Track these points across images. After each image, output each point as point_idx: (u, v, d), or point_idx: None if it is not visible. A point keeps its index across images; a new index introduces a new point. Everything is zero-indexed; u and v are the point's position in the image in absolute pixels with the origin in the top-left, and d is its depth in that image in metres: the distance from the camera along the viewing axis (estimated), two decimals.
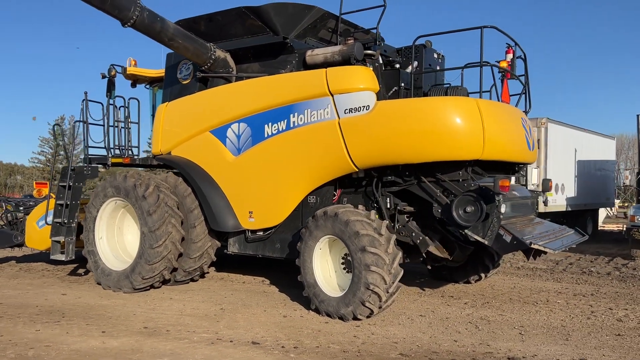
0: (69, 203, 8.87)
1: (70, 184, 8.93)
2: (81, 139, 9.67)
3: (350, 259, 6.75)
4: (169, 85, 9.31)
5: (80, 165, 9.46)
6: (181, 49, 8.16)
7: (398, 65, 7.86)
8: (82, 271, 9.86)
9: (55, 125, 9.16)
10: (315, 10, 8.32)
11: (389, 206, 7.47)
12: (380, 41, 8.28)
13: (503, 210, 6.55)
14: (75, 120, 9.12)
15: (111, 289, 8.42)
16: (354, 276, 6.63)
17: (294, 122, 7.61)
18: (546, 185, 8.44)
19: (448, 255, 7.86)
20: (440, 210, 7.02)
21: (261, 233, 8.24)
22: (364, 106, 7.05)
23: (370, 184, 7.50)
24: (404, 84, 7.57)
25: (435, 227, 7.62)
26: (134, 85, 10.51)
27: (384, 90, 7.51)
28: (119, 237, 8.90)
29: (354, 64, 7.41)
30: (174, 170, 8.90)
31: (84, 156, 9.44)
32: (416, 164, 7.00)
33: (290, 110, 7.64)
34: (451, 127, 6.61)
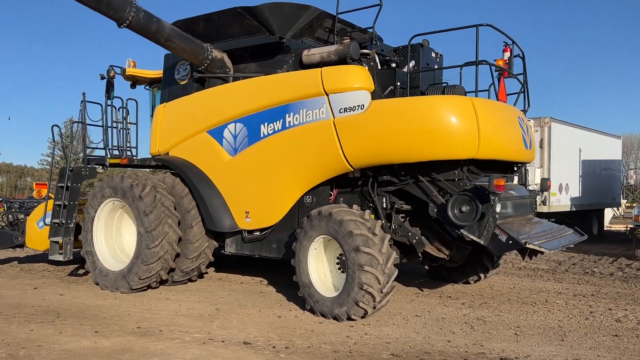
0: (66, 204, 8.90)
1: (68, 184, 8.95)
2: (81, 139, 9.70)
3: (344, 259, 6.71)
4: (167, 86, 9.32)
5: (78, 165, 9.49)
6: (178, 50, 8.17)
7: (394, 65, 7.83)
8: (82, 272, 9.88)
9: (54, 126, 9.16)
10: (311, 10, 8.31)
11: (385, 206, 7.43)
12: (377, 40, 8.24)
13: (498, 209, 6.50)
14: (73, 121, 9.12)
15: (109, 289, 8.43)
16: (347, 276, 6.60)
17: (289, 122, 7.59)
18: (545, 185, 8.38)
19: (445, 255, 7.80)
20: (436, 210, 6.97)
21: (258, 233, 8.22)
22: (359, 105, 7.02)
23: (366, 183, 7.46)
24: (399, 83, 7.53)
25: (433, 227, 7.57)
26: (134, 86, 10.53)
27: (380, 89, 7.47)
28: (117, 238, 8.92)
29: (350, 63, 7.39)
30: (172, 171, 8.92)
31: (83, 157, 9.47)
32: (412, 164, 6.96)
33: (285, 110, 7.62)
34: (446, 126, 6.56)
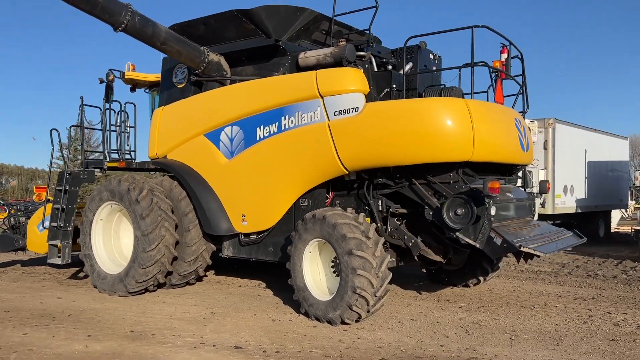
0: (65, 207, 8.93)
1: (67, 188, 8.99)
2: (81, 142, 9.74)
3: (339, 263, 6.67)
4: (165, 89, 9.35)
5: (76, 169, 9.53)
6: (174, 53, 8.18)
7: (391, 67, 7.79)
8: (82, 275, 9.91)
9: (53, 130, 9.22)
10: (307, 13, 8.29)
11: (380, 209, 7.38)
12: (373, 42, 8.21)
13: (493, 212, 6.43)
14: (71, 125, 9.17)
15: (106, 293, 8.45)
16: (341, 280, 6.56)
17: (284, 125, 7.57)
18: (543, 187, 8.29)
19: (442, 258, 7.75)
20: (431, 213, 6.92)
21: (255, 236, 8.20)
22: (353, 108, 6.99)
23: (362, 186, 7.42)
24: (395, 85, 7.49)
25: (429, 230, 7.51)
26: (133, 89, 10.58)
27: (375, 91, 7.43)
28: (116, 241, 8.93)
29: (346, 65, 7.36)
30: (170, 174, 8.93)
31: (81, 160, 9.51)
32: (407, 166, 6.91)
33: (281, 112, 7.61)
34: (439, 129, 6.51)
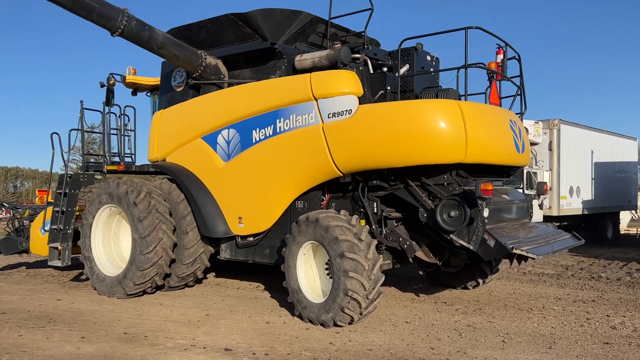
0: (64, 210, 9.02)
1: (66, 191, 9.08)
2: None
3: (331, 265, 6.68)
4: (164, 93, 9.41)
5: (76, 172, 9.62)
6: (171, 57, 8.24)
7: (386, 69, 7.78)
8: (84, 277, 9.97)
9: (53, 133, 9.33)
10: (303, 16, 8.32)
11: (375, 211, 7.37)
12: (369, 45, 8.21)
13: (486, 214, 6.39)
14: (71, 129, 9.28)
15: (105, 295, 8.52)
16: (333, 282, 6.56)
17: (280, 128, 7.59)
18: (541, 189, 8.22)
19: (437, 261, 7.71)
20: (426, 215, 6.90)
21: (251, 239, 8.23)
22: (347, 110, 6.99)
23: (357, 188, 7.42)
24: (390, 87, 7.47)
25: (425, 232, 7.49)
26: (135, 93, 10.65)
27: (370, 93, 7.43)
28: (115, 243, 9.00)
29: (341, 68, 7.37)
30: (168, 177, 8.99)
31: (82, 163, 9.60)
32: (401, 168, 6.90)
33: (276, 115, 7.63)
34: (431, 130, 6.49)
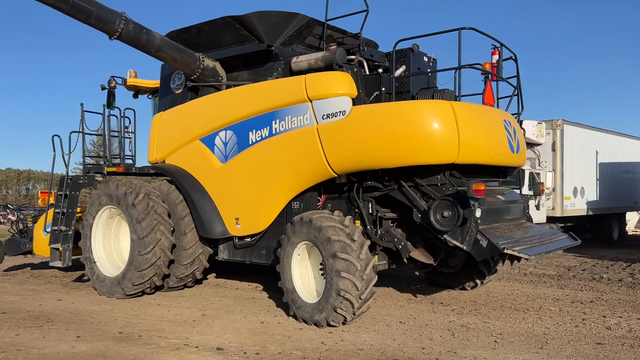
0: (65, 211, 9.14)
1: (67, 192, 9.20)
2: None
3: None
4: (164, 95, 9.51)
5: (77, 174, 9.75)
6: (169, 60, 8.33)
7: (381, 70, 7.82)
8: (86, 277, 10.09)
9: (54, 136, 9.45)
10: (299, 18, 8.38)
11: (370, 211, 7.40)
12: (364, 46, 8.25)
13: (478, 214, 6.41)
14: (71, 132, 9.40)
15: (105, 295, 8.61)
16: (326, 282, 6.60)
17: (275, 129, 7.65)
18: (537, 189, 8.24)
19: (433, 261, 7.72)
20: (420, 215, 6.92)
21: (249, 239, 8.29)
22: (340, 111, 7.03)
23: (352, 189, 7.45)
24: (384, 88, 7.50)
25: (421, 233, 7.51)
26: (136, 96, 10.77)
27: (364, 95, 7.46)
28: (116, 244, 9.10)
29: (336, 69, 7.41)
30: (168, 178, 9.07)
31: (82, 165, 9.71)
32: (395, 169, 6.93)
33: (272, 116, 7.69)
34: (424, 131, 6.51)
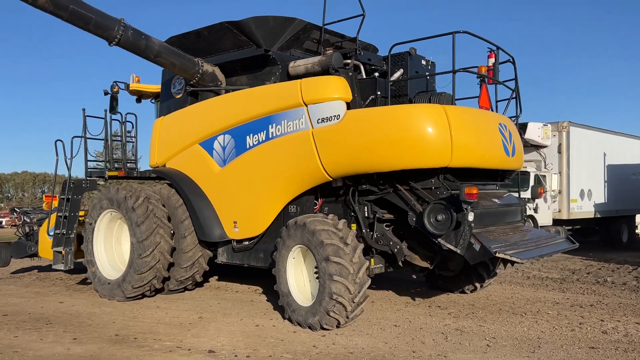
0: (67, 215, 9.27)
1: (69, 196, 9.33)
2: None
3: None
4: (164, 99, 9.62)
5: (79, 178, 9.89)
6: (168, 65, 8.43)
7: (377, 74, 7.85)
8: (89, 280, 10.23)
9: (57, 141, 9.60)
10: (296, 22, 8.44)
11: (367, 215, 7.42)
12: (361, 50, 8.28)
13: (471, 218, 6.39)
14: (73, 136, 9.53)
15: (106, 298, 8.72)
16: (319, 285, 6.64)
17: (272, 133, 7.71)
18: (535, 192, 8.20)
19: (429, 265, 7.73)
20: (414, 219, 6.93)
21: (247, 243, 8.35)
22: (335, 115, 7.08)
23: (348, 192, 7.48)
24: (380, 92, 7.53)
25: (417, 236, 7.50)
26: (139, 100, 10.90)
27: (359, 98, 7.49)
28: (117, 247, 9.20)
29: (333, 73, 7.45)
30: (168, 182, 9.17)
31: (84, 170, 9.84)
32: (390, 173, 6.94)
33: (269, 121, 7.75)
34: (416, 135, 6.53)
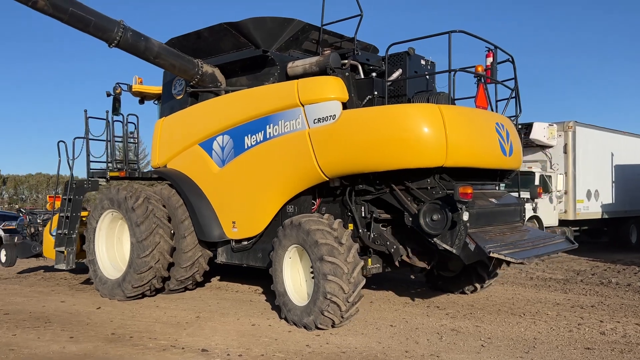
0: (69, 215, 9.37)
1: (71, 197, 9.42)
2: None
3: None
4: (166, 100, 9.69)
5: (81, 179, 9.98)
6: (167, 66, 8.49)
7: (374, 74, 7.84)
8: (92, 280, 10.32)
9: (60, 142, 9.70)
10: (295, 23, 8.46)
11: (364, 215, 7.42)
12: (361, 50, 8.28)
13: (465, 218, 6.36)
14: (75, 137, 9.63)
15: (107, 297, 8.80)
16: (314, 285, 6.65)
17: (269, 133, 7.73)
18: (534, 192, 8.13)
19: (426, 265, 7.70)
20: (411, 219, 6.92)
21: (245, 243, 8.38)
22: (331, 116, 7.08)
23: (345, 192, 7.48)
24: (377, 92, 7.53)
25: (414, 236, 7.48)
26: (142, 102, 10.97)
27: (356, 99, 7.50)
28: (119, 247, 9.28)
29: (330, 73, 7.46)
30: (169, 183, 9.23)
31: (87, 170, 9.92)
32: (386, 172, 6.93)
33: (266, 121, 7.77)
34: (411, 134, 6.51)
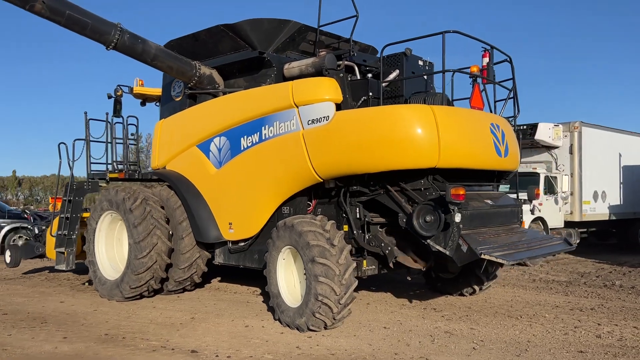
0: (69, 216, 9.45)
1: (71, 198, 9.51)
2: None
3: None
4: (165, 102, 9.74)
5: (81, 180, 10.06)
6: (165, 68, 8.54)
7: (370, 75, 7.82)
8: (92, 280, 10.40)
9: (61, 143, 9.79)
10: (291, 25, 8.47)
11: (358, 216, 7.40)
12: (359, 51, 8.26)
13: (458, 219, 6.32)
14: (75, 139, 9.71)
15: (106, 298, 8.86)
16: (306, 287, 6.64)
17: (265, 135, 7.74)
18: (531, 193, 8.05)
19: (421, 266, 7.66)
20: (405, 220, 6.89)
21: (242, 244, 8.39)
22: (324, 117, 7.07)
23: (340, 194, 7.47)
24: (371, 93, 7.50)
25: (410, 237, 7.44)
26: (144, 103, 11.05)
27: (350, 100, 7.48)
28: (119, 248, 9.33)
29: (326, 75, 7.46)
30: (168, 184, 9.28)
31: (86, 172, 10.00)
32: (380, 174, 6.91)
33: (262, 122, 7.78)
34: (403, 135, 6.49)
